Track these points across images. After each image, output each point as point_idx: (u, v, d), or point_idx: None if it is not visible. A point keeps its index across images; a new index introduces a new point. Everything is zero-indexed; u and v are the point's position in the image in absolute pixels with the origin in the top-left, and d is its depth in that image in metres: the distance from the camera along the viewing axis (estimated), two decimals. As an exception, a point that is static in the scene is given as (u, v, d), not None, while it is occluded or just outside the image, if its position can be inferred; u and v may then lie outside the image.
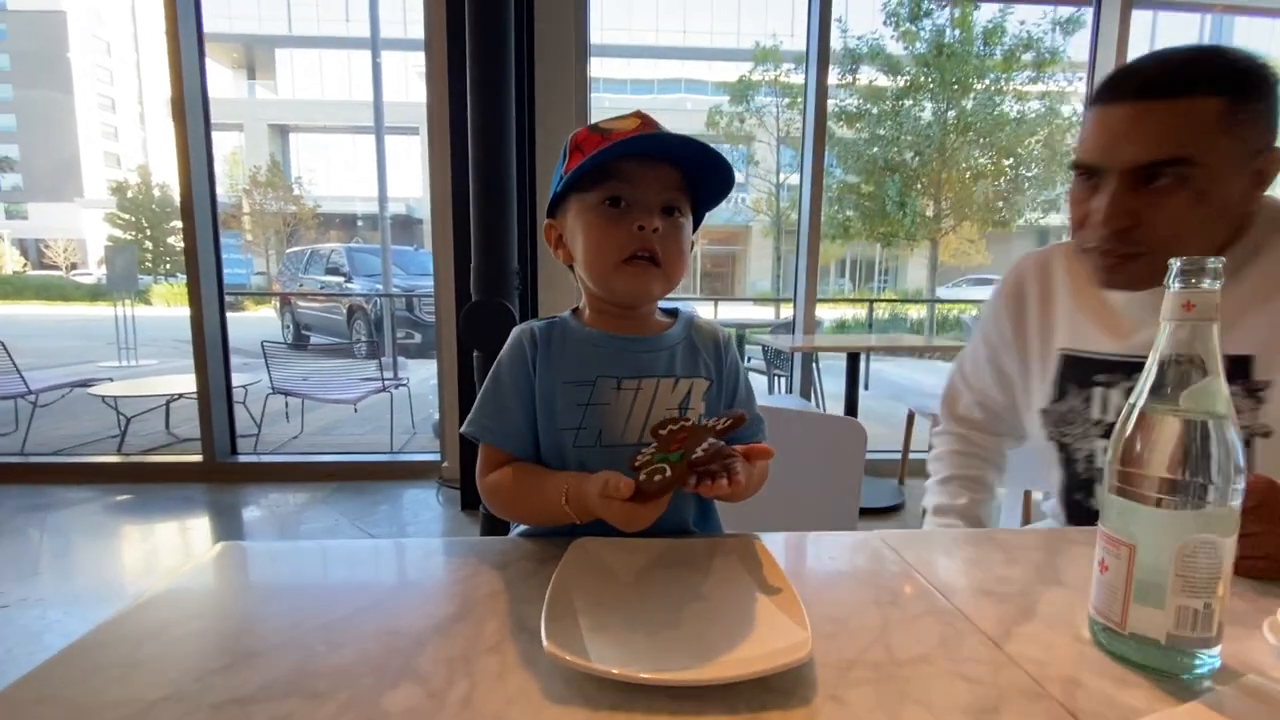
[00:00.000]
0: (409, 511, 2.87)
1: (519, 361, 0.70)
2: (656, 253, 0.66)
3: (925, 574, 0.58)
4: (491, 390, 0.70)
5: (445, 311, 2.94)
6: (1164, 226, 0.69)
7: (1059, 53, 6.53)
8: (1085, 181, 0.74)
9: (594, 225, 0.67)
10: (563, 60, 2.85)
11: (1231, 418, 0.42)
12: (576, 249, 0.69)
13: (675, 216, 0.68)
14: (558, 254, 0.73)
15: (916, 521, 2.85)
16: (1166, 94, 0.67)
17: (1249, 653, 0.45)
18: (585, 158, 0.64)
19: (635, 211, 0.65)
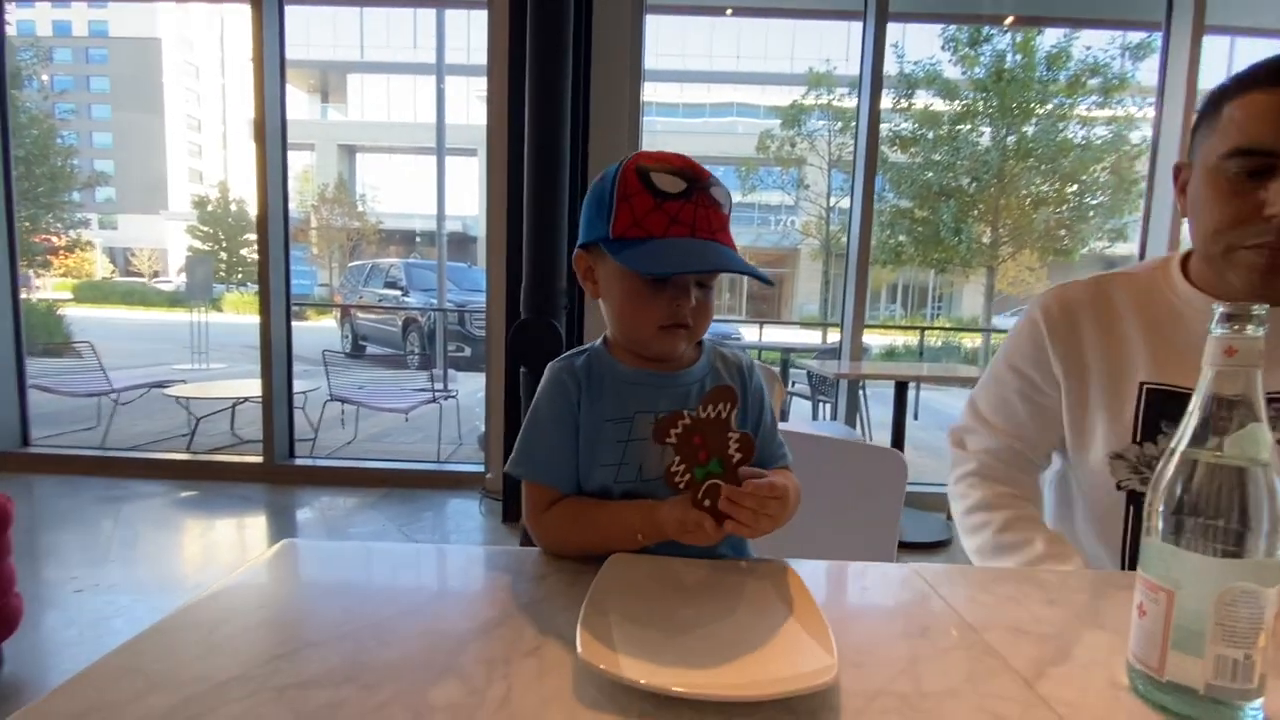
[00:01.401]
0: (452, 520, 2.94)
1: (563, 399, 0.72)
2: (689, 323, 0.69)
3: (959, 608, 0.58)
4: (535, 429, 0.72)
5: (495, 327, 3.03)
6: None
7: (1127, 78, 6.31)
8: (1247, 177, 0.67)
9: (633, 294, 0.69)
10: (617, 84, 2.94)
11: (1276, 465, 0.41)
12: (611, 300, 0.72)
13: (707, 289, 0.71)
14: (586, 285, 0.75)
15: (964, 558, 2.75)
16: None
17: (1299, 710, 0.44)
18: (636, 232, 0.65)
19: (673, 289, 0.68)
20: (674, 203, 0.66)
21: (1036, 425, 0.87)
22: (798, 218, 10.23)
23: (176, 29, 42.03)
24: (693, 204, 0.66)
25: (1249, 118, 0.66)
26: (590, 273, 0.75)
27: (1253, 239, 0.67)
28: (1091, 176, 7.17)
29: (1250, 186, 0.66)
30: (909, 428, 2.96)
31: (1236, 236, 0.69)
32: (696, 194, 0.67)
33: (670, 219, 0.66)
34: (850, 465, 0.98)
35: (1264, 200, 0.65)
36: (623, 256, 0.66)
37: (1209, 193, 0.71)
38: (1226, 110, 0.69)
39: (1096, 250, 7.59)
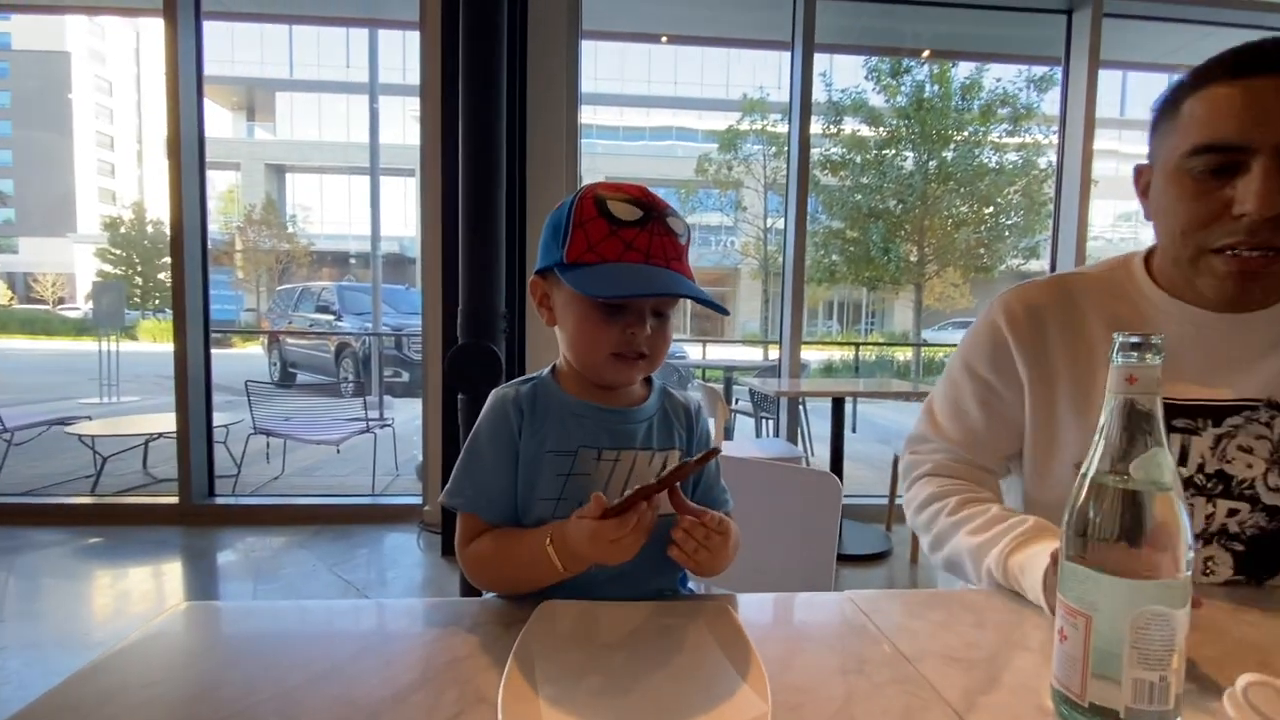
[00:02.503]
0: (389, 557, 2.80)
1: (503, 428, 0.70)
2: (645, 351, 0.68)
3: (892, 637, 0.58)
4: (472, 458, 0.70)
5: (432, 352, 2.94)
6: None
7: (1033, 108, 6.82)
8: (1212, 174, 0.63)
9: (587, 320, 0.68)
10: (554, 107, 2.94)
11: (1178, 488, 0.43)
12: (565, 326, 0.70)
13: (663, 317, 0.70)
14: (541, 311, 0.74)
15: (903, 567, 2.83)
16: None
17: (1210, 724, 0.45)
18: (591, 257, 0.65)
19: (628, 316, 0.67)
20: (629, 230, 0.66)
21: (993, 433, 0.82)
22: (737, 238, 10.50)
23: (87, 42, 39.63)
24: (648, 232, 0.66)
25: (1211, 112, 0.63)
26: (546, 299, 0.73)
27: (1222, 239, 0.64)
28: (1005, 199, 7.70)
29: (1216, 184, 0.63)
30: (848, 441, 3.03)
31: (1205, 238, 0.65)
32: (652, 223, 0.67)
33: (625, 245, 0.65)
34: (788, 489, 0.98)
35: (1232, 198, 0.62)
36: (574, 278, 0.65)
37: (1174, 193, 0.67)
38: (1186, 106, 0.65)
39: (1013, 267, 8.11)
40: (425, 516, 3.01)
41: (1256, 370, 0.70)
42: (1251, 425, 0.69)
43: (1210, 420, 0.70)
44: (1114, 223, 8.09)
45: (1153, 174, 0.71)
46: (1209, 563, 0.71)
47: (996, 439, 0.82)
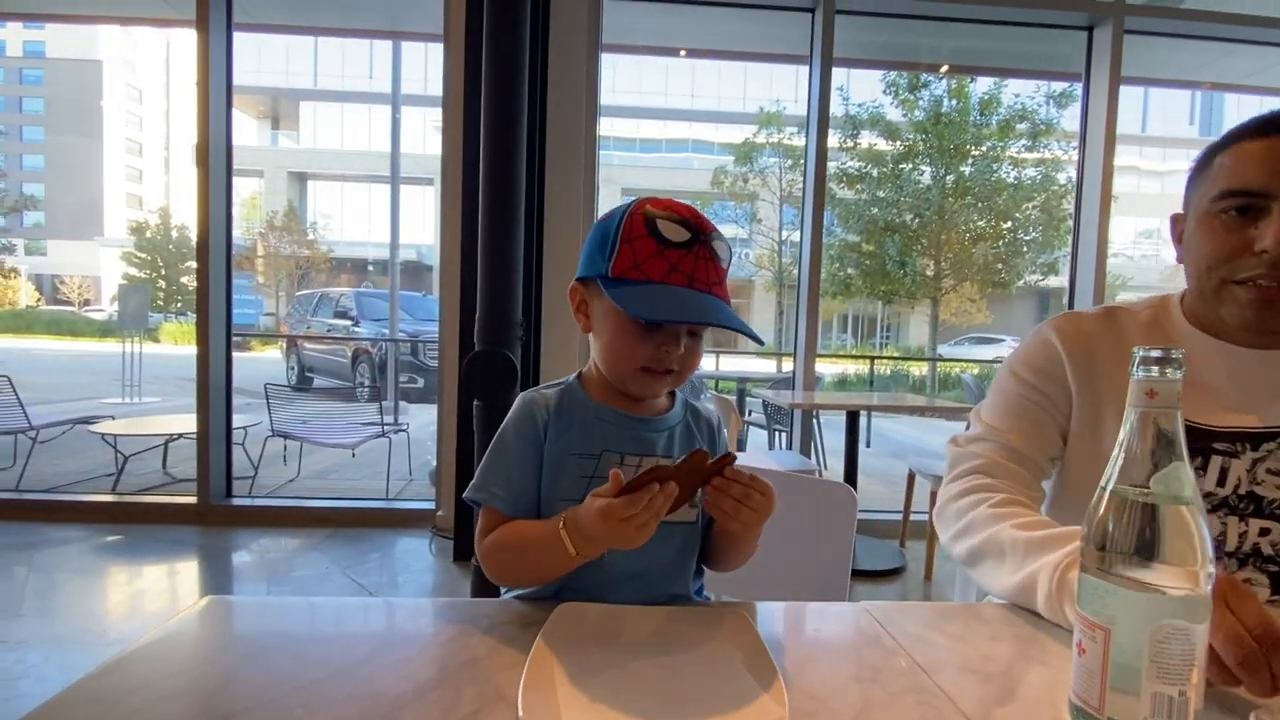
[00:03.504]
0: (400, 561, 2.82)
1: (530, 427, 0.71)
2: (675, 368, 0.70)
3: (908, 648, 0.58)
4: (498, 455, 0.72)
5: (449, 358, 2.97)
6: None
7: (1053, 123, 6.78)
8: (1238, 215, 0.71)
9: (623, 333, 0.69)
10: (573, 118, 2.98)
11: (1198, 503, 0.43)
12: (600, 335, 0.72)
13: (696, 337, 0.72)
14: (578, 317, 0.75)
15: (917, 584, 2.79)
16: None
17: (1232, 743, 0.45)
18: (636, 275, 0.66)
19: (663, 335, 0.69)
20: (676, 251, 0.67)
21: (1041, 427, 0.84)
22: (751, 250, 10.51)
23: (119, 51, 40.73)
24: (694, 255, 0.67)
25: (1238, 163, 0.72)
26: (583, 305, 0.75)
27: (1244, 273, 0.71)
28: (1024, 214, 7.64)
29: (1241, 224, 0.71)
30: (861, 455, 3.01)
31: (1228, 270, 0.72)
32: (699, 245, 0.68)
33: (670, 266, 0.67)
34: (803, 500, 0.98)
35: (1254, 237, 0.70)
36: (619, 295, 0.66)
37: (1203, 233, 0.75)
38: (1218, 160, 0.74)
39: (1031, 283, 8.04)
40: (438, 522, 3.03)
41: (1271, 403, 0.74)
42: (1266, 457, 0.72)
43: (1249, 445, 0.73)
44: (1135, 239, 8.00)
45: (1186, 221, 0.79)
46: (1246, 584, 0.71)
47: (1044, 433, 0.84)
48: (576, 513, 0.61)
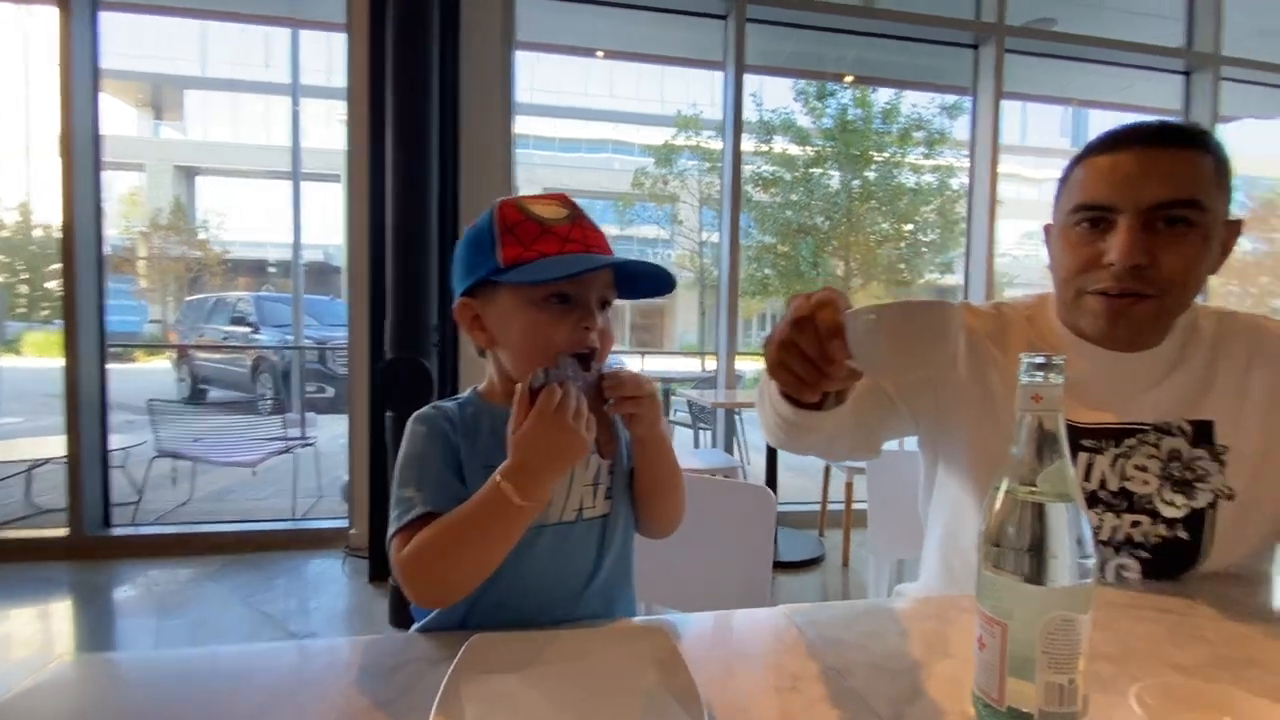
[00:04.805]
0: (311, 585, 2.64)
1: (440, 439, 0.67)
2: (596, 349, 0.67)
3: (825, 652, 0.59)
4: (417, 463, 0.66)
5: (359, 367, 2.82)
6: (1174, 267, 0.71)
7: (946, 133, 7.30)
8: (1090, 227, 0.74)
9: (537, 321, 0.66)
10: (488, 116, 2.90)
11: (1079, 498, 0.46)
12: (508, 336, 0.68)
13: (607, 310, 0.70)
14: (474, 335, 0.71)
15: (835, 571, 2.91)
16: (1176, 143, 0.71)
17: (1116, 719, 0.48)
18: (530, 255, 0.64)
19: (579, 310, 0.66)
20: (561, 226, 0.66)
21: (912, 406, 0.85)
22: (673, 251, 10.66)
23: (-37, 27, 36.01)
24: (580, 226, 0.67)
25: (1089, 178, 0.75)
26: (478, 320, 0.70)
27: (1095, 284, 0.75)
28: (922, 217, 8.18)
29: (1092, 237, 0.74)
30: (781, 451, 3.11)
31: (1083, 282, 0.76)
32: (579, 218, 0.68)
33: (562, 239, 0.65)
34: (723, 504, 0.99)
35: (1104, 249, 0.73)
36: (521, 274, 0.63)
37: (1062, 244, 0.79)
38: (1075, 173, 0.78)
39: (931, 280, 8.62)
40: (351, 540, 2.86)
41: (1144, 400, 0.78)
42: (1144, 446, 0.77)
43: (1111, 441, 0.78)
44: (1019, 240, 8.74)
45: (1051, 232, 0.83)
46: (1121, 570, 0.77)
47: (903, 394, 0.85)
48: (505, 462, 0.59)
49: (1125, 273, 0.71)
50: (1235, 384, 0.77)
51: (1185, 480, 0.75)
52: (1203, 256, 0.72)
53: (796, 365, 0.53)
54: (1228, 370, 0.77)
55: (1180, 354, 0.79)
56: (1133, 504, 0.76)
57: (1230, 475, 0.75)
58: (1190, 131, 0.72)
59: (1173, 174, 0.70)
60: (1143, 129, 0.73)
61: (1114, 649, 0.59)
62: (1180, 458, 0.76)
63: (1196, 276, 0.73)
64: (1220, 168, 0.72)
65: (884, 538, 1.27)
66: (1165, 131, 0.72)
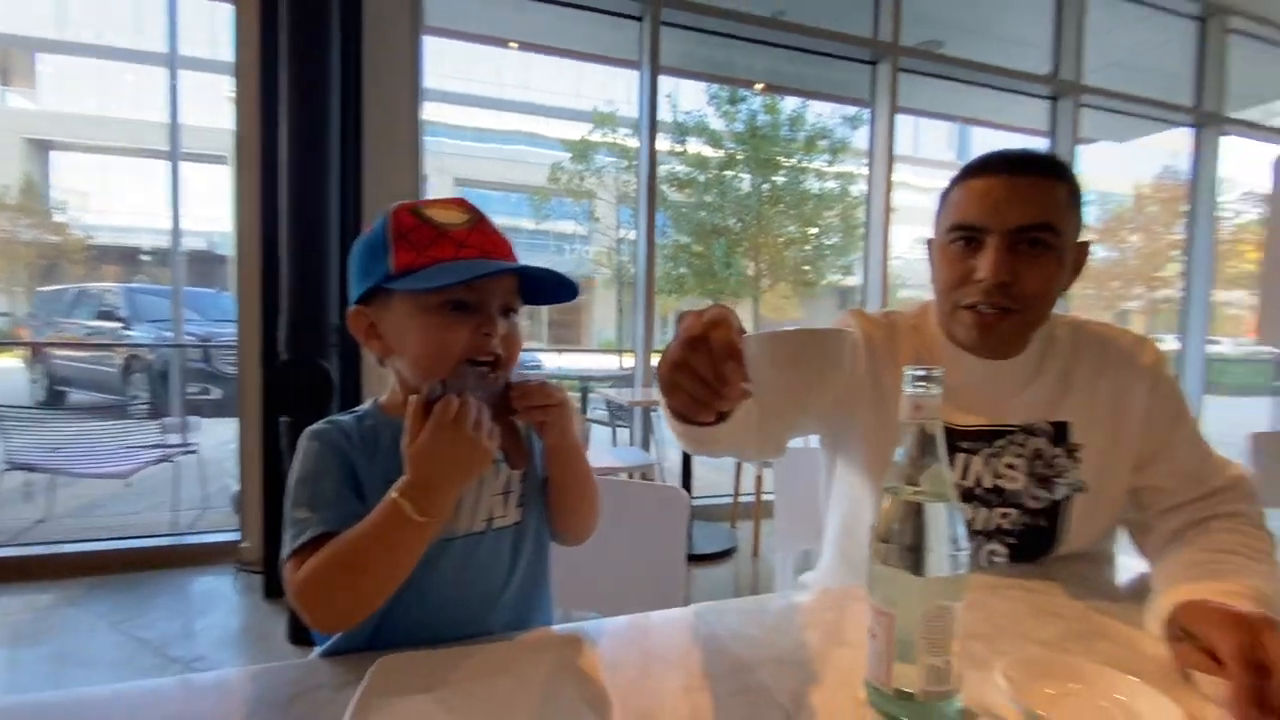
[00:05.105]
0: (196, 605, 2.43)
1: (336, 456, 0.64)
2: (500, 356, 0.65)
3: (734, 648, 0.62)
4: (311, 483, 0.62)
5: (250, 366, 2.61)
6: (1034, 284, 0.78)
7: (847, 142, 7.73)
8: (964, 245, 0.81)
9: (432, 328, 0.63)
10: (395, 100, 2.77)
11: (955, 497, 0.51)
12: (405, 345, 0.66)
13: (512, 317, 0.68)
14: (370, 345, 0.68)
15: (746, 561, 3.03)
16: (1038, 172, 0.79)
17: (985, 695, 0.54)
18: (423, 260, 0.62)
19: (477, 317, 0.64)
20: (458, 230, 0.64)
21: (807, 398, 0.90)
22: (590, 248, 10.64)
23: None
24: (478, 231, 0.65)
25: (963, 199, 0.82)
26: (373, 330, 0.67)
27: (968, 299, 0.81)
28: (826, 222, 8.63)
29: (966, 254, 0.81)
30: (696, 447, 3.18)
31: (957, 296, 0.83)
32: (479, 222, 0.65)
33: (458, 244, 0.63)
34: (637, 506, 1.00)
35: (975, 267, 0.79)
36: (413, 280, 0.61)
37: (939, 261, 0.85)
38: (951, 194, 0.84)
39: (833, 282, 9.12)
40: (242, 554, 2.66)
41: (1012, 404, 0.86)
42: (1012, 446, 0.85)
43: (985, 442, 0.86)
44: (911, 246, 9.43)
45: (932, 246, 0.89)
46: (991, 555, 0.86)
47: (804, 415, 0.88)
48: (402, 478, 0.56)
49: (993, 289, 0.78)
50: (1087, 389, 0.86)
51: (1046, 476, 0.84)
52: (1058, 275, 0.80)
53: (691, 386, 0.52)
54: (1080, 376, 0.87)
55: (1041, 362, 0.87)
56: (1004, 499, 0.85)
57: (1082, 470, 0.84)
58: (1049, 161, 0.80)
59: (1033, 200, 0.78)
60: (1009, 156, 0.80)
61: (984, 628, 0.66)
62: (1043, 456, 0.85)
63: (1052, 293, 0.81)
64: (1073, 195, 0.81)
65: (790, 529, 1.34)
66: (1028, 161, 0.79)
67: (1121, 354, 0.87)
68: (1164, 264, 9.79)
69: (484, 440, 0.57)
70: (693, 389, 0.52)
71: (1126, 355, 0.87)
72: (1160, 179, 8.95)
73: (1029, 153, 0.80)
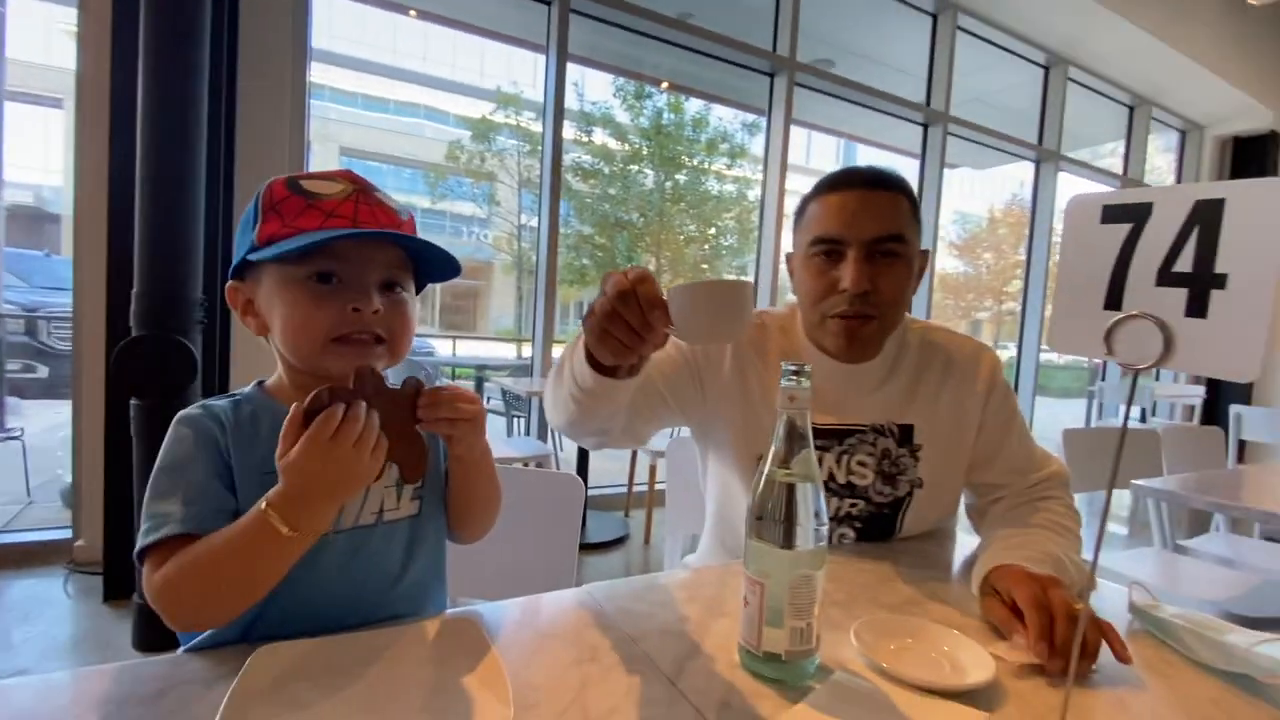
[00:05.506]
0: (18, 611, 2.12)
1: (206, 444, 0.59)
2: (378, 333, 0.62)
3: (621, 623, 0.65)
4: (167, 478, 0.58)
5: (89, 342, 2.31)
6: (889, 291, 0.85)
7: (745, 148, 8.06)
8: (826, 257, 0.87)
9: (298, 302, 0.60)
10: (275, 57, 2.55)
11: (818, 480, 0.57)
12: (274, 320, 0.62)
13: (397, 292, 0.65)
14: (246, 321, 0.65)
15: (638, 549, 3.12)
16: (886, 187, 0.86)
17: (841, 654, 0.61)
18: (286, 231, 0.59)
19: (349, 291, 0.61)
20: (330, 201, 0.60)
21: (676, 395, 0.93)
22: (490, 231, 10.34)
23: None
24: (353, 201, 0.61)
25: (822, 214, 0.88)
26: (250, 306, 0.64)
27: (835, 309, 0.87)
28: (724, 223, 8.97)
29: (828, 266, 0.87)
30: (592, 438, 3.22)
31: (825, 306, 0.88)
32: (358, 193, 0.62)
33: (326, 214, 0.59)
34: (534, 493, 1.02)
35: (838, 277, 0.86)
36: (272, 249, 0.58)
37: (803, 273, 0.91)
38: (809, 209, 0.90)
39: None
40: (76, 554, 2.36)
41: (864, 405, 0.95)
42: (863, 445, 0.94)
43: (837, 440, 0.94)
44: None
45: (794, 259, 0.95)
46: (841, 537, 0.96)
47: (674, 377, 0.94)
48: (276, 487, 0.52)
49: (856, 298, 0.85)
50: (931, 396, 0.96)
51: (891, 474, 0.94)
52: (908, 281, 0.89)
53: (621, 334, 0.59)
54: (926, 384, 0.96)
55: (892, 367, 0.97)
56: (854, 492, 0.94)
57: (921, 469, 0.94)
58: (893, 178, 0.88)
59: (885, 213, 0.86)
60: (860, 173, 0.87)
61: (841, 596, 0.74)
62: (890, 455, 0.94)
63: (905, 298, 0.89)
64: (913, 207, 0.90)
65: (679, 517, 1.40)
66: (877, 177, 0.87)
67: (962, 367, 0.97)
68: (1010, 280, 11.11)
69: (365, 459, 0.53)
70: (624, 336, 0.59)
71: (966, 368, 0.97)
72: (1009, 205, 10.14)
73: (876, 170, 0.88)
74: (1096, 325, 0.43)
